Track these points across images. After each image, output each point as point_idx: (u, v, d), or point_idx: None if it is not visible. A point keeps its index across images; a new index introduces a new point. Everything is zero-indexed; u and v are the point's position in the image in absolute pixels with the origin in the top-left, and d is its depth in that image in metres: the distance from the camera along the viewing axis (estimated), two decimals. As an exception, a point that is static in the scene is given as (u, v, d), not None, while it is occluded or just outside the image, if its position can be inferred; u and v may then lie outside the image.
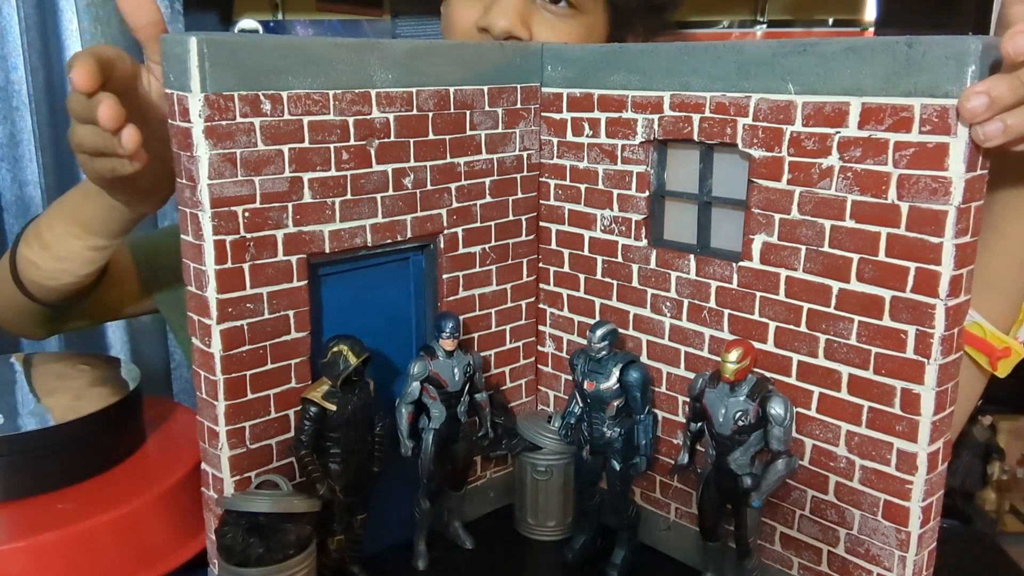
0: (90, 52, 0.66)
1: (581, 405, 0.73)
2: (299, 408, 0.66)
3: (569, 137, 0.78)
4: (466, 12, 0.94)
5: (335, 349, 0.66)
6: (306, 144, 0.65)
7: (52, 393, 0.90)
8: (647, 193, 0.74)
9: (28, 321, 0.98)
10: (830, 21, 1.65)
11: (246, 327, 0.64)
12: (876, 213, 0.59)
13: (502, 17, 0.90)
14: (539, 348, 0.86)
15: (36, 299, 0.90)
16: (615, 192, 0.76)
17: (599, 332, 0.69)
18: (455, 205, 0.76)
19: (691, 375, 0.71)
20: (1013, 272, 0.72)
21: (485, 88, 0.75)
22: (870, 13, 1.63)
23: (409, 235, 0.73)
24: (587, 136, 0.77)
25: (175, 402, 1.05)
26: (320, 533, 0.65)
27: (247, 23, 1.63)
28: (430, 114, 0.72)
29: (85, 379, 0.93)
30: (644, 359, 0.76)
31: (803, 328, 0.64)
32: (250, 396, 0.65)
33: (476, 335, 0.80)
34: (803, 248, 0.63)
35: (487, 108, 0.76)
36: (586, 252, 0.79)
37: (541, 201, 0.82)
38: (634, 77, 0.72)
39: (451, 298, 0.78)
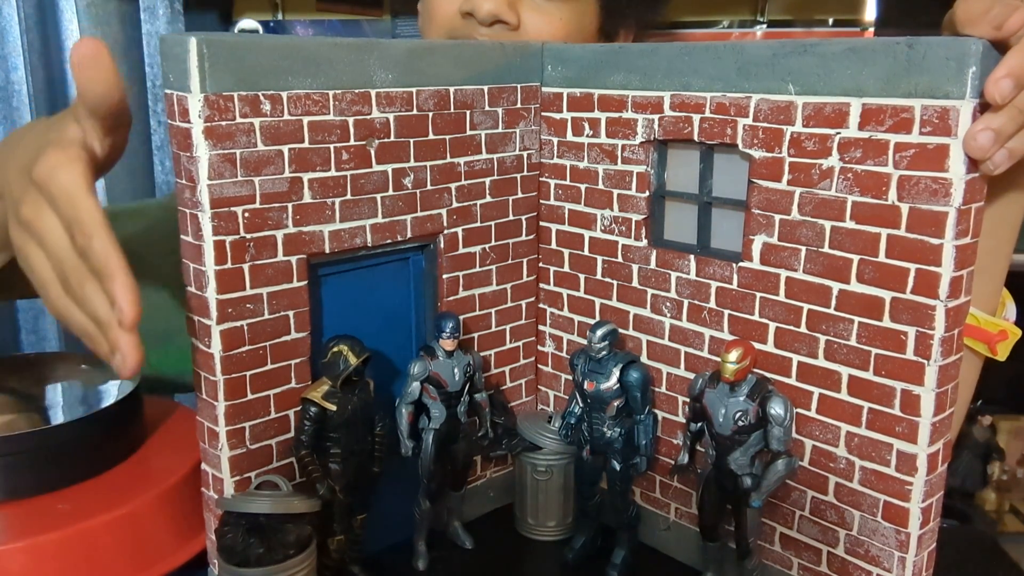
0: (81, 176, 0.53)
1: (581, 405, 0.73)
2: (299, 408, 0.66)
3: (569, 137, 0.78)
4: None
5: (335, 349, 0.66)
6: (306, 144, 0.64)
7: (52, 393, 0.90)
8: (647, 193, 0.73)
9: None
10: (830, 21, 1.65)
11: (246, 327, 0.64)
12: (876, 214, 0.59)
13: (488, 0, 0.87)
14: (539, 348, 0.86)
15: None
16: (615, 192, 0.76)
17: (599, 332, 0.69)
18: (455, 205, 0.76)
19: (691, 375, 0.71)
20: (995, 255, 0.72)
21: (485, 88, 0.75)
22: (870, 13, 1.62)
23: (409, 235, 0.73)
24: (587, 136, 0.77)
25: (175, 402, 1.05)
26: (320, 533, 0.65)
27: (247, 23, 1.63)
28: (430, 114, 0.72)
29: (85, 379, 0.93)
30: (644, 359, 0.76)
31: (803, 329, 0.64)
32: (250, 396, 0.65)
33: (476, 335, 0.80)
34: (803, 249, 0.63)
35: (487, 108, 0.76)
36: (586, 252, 0.79)
37: (541, 201, 0.82)
38: (634, 77, 0.71)
39: (451, 298, 0.78)
